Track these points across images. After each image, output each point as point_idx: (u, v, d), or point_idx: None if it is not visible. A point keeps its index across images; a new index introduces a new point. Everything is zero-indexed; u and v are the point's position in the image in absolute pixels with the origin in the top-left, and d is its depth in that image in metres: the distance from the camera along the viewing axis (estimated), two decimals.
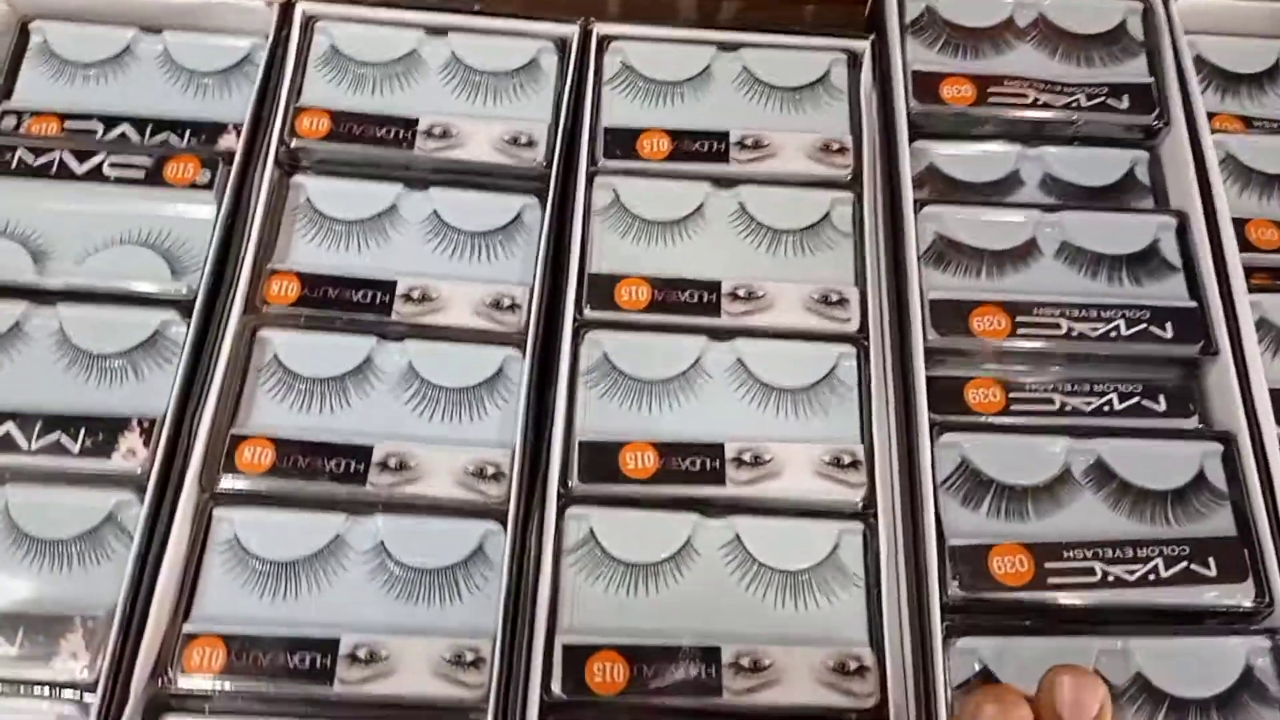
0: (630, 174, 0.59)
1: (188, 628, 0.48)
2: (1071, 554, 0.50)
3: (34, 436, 0.51)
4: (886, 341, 0.55)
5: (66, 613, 0.48)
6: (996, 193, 0.61)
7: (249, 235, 0.56)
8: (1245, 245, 0.57)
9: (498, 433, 0.54)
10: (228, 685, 0.47)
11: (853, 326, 0.55)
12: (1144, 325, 0.55)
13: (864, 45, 0.63)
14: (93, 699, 0.46)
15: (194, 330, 0.54)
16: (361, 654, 0.48)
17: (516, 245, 0.59)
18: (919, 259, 0.56)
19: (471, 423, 0.54)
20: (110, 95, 0.62)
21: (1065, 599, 0.49)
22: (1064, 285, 0.57)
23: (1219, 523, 0.52)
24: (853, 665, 0.47)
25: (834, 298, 0.56)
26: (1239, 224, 0.58)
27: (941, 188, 0.60)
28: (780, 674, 0.47)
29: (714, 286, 0.56)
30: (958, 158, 0.61)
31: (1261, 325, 0.56)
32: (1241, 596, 0.50)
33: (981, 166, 0.61)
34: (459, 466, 0.52)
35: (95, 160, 0.58)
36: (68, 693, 0.46)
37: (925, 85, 0.61)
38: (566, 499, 0.51)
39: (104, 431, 0.51)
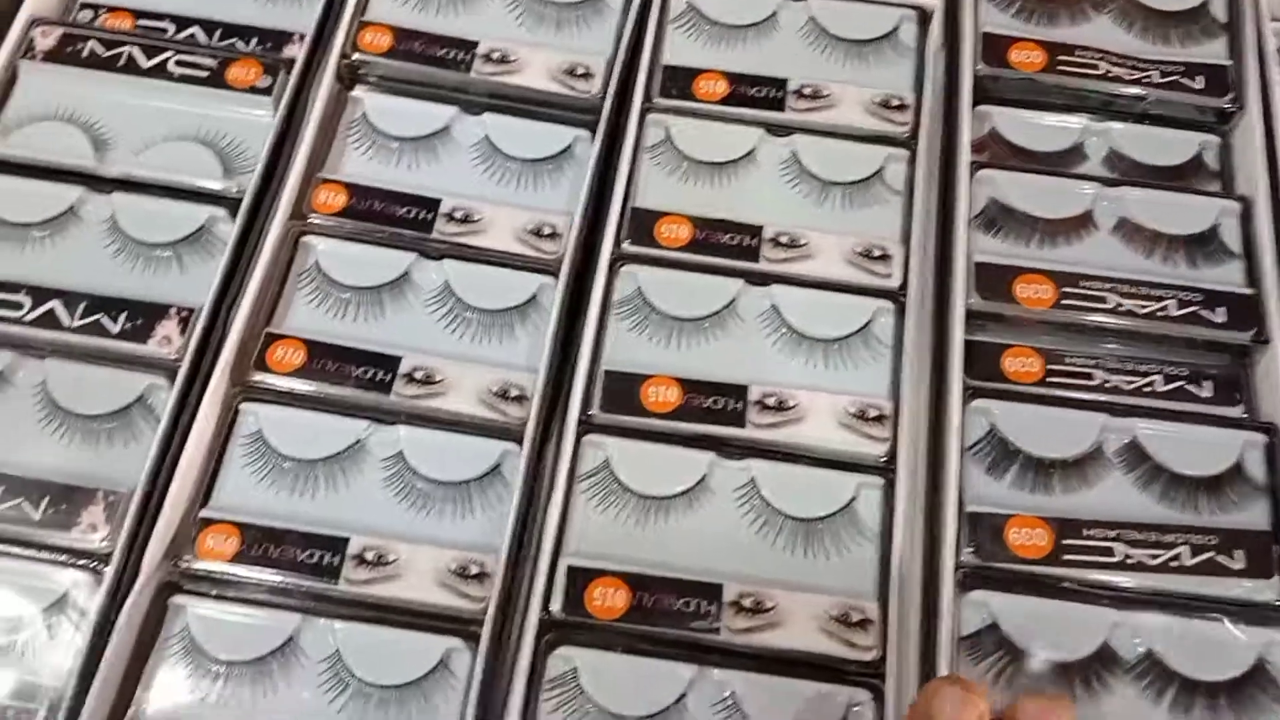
0: (683, 113, 0.59)
1: (205, 513, 0.49)
2: (1093, 532, 0.49)
3: (76, 315, 0.52)
4: (927, 301, 0.54)
5: (90, 485, 0.49)
6: (1059, 164, 0.59)
7: (301, 142, 0.57)
8: None
9: (525, 356, 0.54)
10: (237, 572, 0.48)
11: (893, 282, 0.54)
12: (1195, 308, 0.53)
13: (936, 3, 0.62)
14: (107, 571, 0.47)
15: (239, 228, 0.55)
16: (369, 556, 0.48)
17: (564, 176, 0.59)
18: (969, 221, 0.55)
19: (500, 345, 0.55)
20: None
21: (1081, 576, 0.48)
22: (1117, 261, 0.55)
23: (1253, 515, 0.50)
24: (855, 616, 0.47)
25: (876, 252, 0.55)
26: None
27: (1002, 153, 0.59)
28: (781, 617, 0.47)
29: (755, 231, 0.55)
30: (1021, 124, 0.59)
31: None
32: (1270, 592, 0.48)
33: (1045, 136, 0.59)
34: (483, 385, 0.52)
35: (162, 57, 0.59)
36: (82, 561, 0.47)
37: (994, 48, 0.60)
38: (586, 426, 0.51)
39: (143, 316, 0.52)
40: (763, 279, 0.54)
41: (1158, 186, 0.57)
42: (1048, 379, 0.52)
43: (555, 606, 0.47)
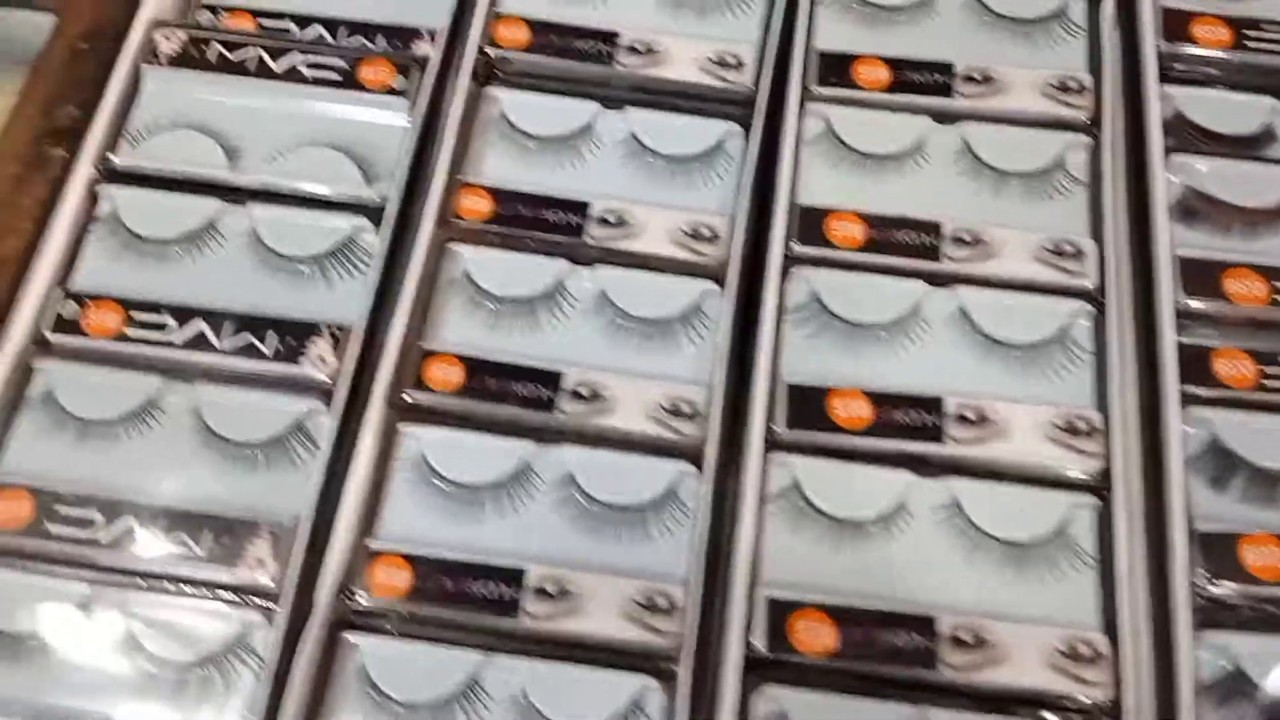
0: (845, 103, 0.55)
1: (372, 545, 0.46)
2: None
3: (224, 336, 0.50)
4: (1124, 301, 0.51)
5: (253, 518, 0.46)
6: (1249, 148, 0.55)
7: (443, 146, 0.54)
8: None
9: (692, 369, 0.51)
10: (411, 607, 0.45)
11: (1089, 282, 0.51)
12: None
13: None
14: (279, 609, 0.44)
15: (388, 239, 0.51)
16: (549, 588, 0.46)
17: (716, 173, 0.55)
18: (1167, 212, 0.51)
19: (665, 357, 0.51)
20: None
21: None
22: None
23: None
24: (1085, 650, 0.43)
25: (1068, 249, 0.51)
26: None
27: (1188, 136, 0.55)
28: (1005, 652, 0.43)
29: (934, 228, 0.52)
30: (1208, 106, 0.55)
31: None
32: None
33: (1232, 116, 0.55)
34: (652, 401, 0.49)
35: (291, 59, 0.56)
36: (252, 599, 0.45)
37: (1176, 24, 0.56)
38: (771, 444, 0.47)
39: (293, 336, 0.50)
40: (946, 280, 0.51)
41: None
42: (1264, 383, 0.48)
43: (759, 643, 0.44)
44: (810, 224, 0.52)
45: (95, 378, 0.49)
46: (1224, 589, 0.44)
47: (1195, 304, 0.49)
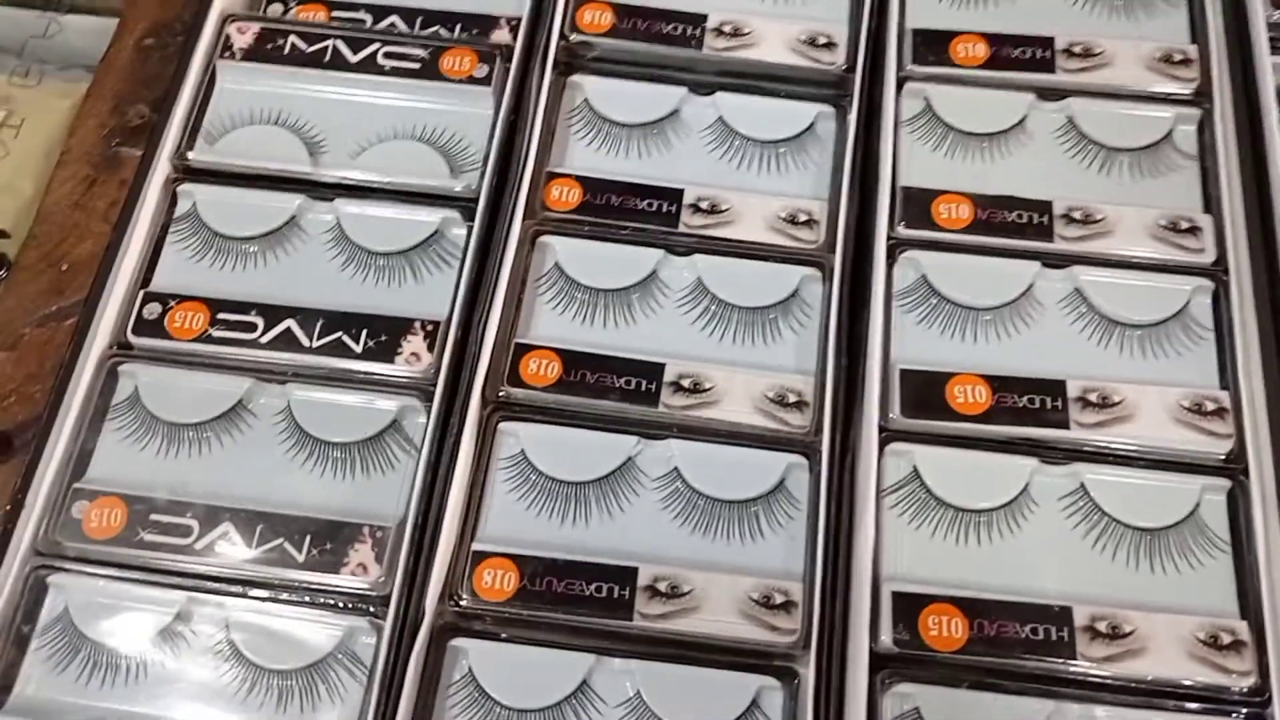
0: (943, 81, 0.53)
1: (477, 545, 0.45)
2: None
3: (315, 335, 0.48)
4: (1245, 277, 0.48)
5: (353, 520, 0.45)
6: None
7: (531, 135, 0.52)
8: None
9: (795, 357, 0.49)
10: (521, 611, 0.44)
11: (1208, 258, 0.49)
12: None
13: None
14: (386, 615, 0.43)
15: (479, 231, 0.50)
16: (661, 586, 0.44)
17: (809, 157, 0.54)
18: None
19: (766, 346, 0.50)
20: None
21: None
22: None
23: None
24: (1226, 639, 0.41)
25: (1183, 225, 0.49)
26: None
27: None
28: (1144, 642, 0.41)
29: (1044, 207, 0.50)
30: None
31: None
32: None
33: None
34: (757, 391, 0.48)
35: (369, 50, 0.54)
36: (358, 604, 0.43)
37: None
38: (886, 433, 0.46)
39: (386, 332, 0.48)
40: (1061, 260, 0.49)
41: None
42: None
43: (886, 638, 0.42)
44: (916, 206, 0.50)
45: (182, 380, 0.48)
46: None
47: None
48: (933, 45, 0.54)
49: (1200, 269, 0.48)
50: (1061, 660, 0.41)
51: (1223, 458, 0.45)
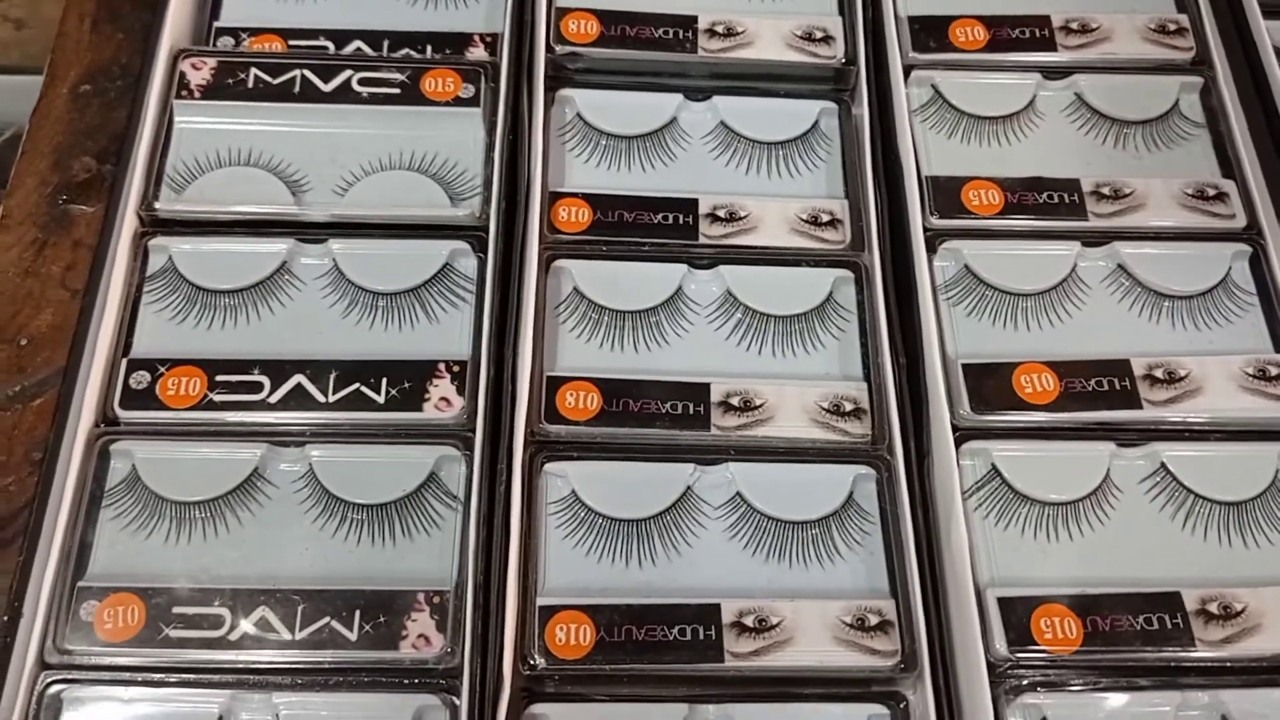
0: (950, 67, 0.52)
1: (543, 601, 0.41)
2: None
3: (330, 389, 0.44)
4: (1277, 236, 0.48)
5: (405, 587, 0.40)
6: None
7: (532, 155, 0.49)
8: None
9: (840, 364, 0.47)
10: (600, 666, 0.40)
11: (1239, 223, 0.48)
12: None
13: None
14: (461, 689, 0.38)
15: (495, 261, 0.46)
16: (749, 621, 0.41)
17: (817, 155, 0.52)
18: None
19: (808, 354, 0.47)
20: (330, 10, 0.54)
21: None
22: None
23: None
24: None
25: (1210, 192, 0.49)
26: None
27: None
28: (1258, 618, 0.40)
29: (1073, 185, 0.49)
30: None
31: None
32: None
33: None
34: (810, 403, 0.45)
35: (341, 77, 0.50)
36: (426, 680, 0.39)
37: None
38: (960, 432, 0.44)
39: (409, 378, 0.44)
40: (1099, 237, 0.48)
41: None
42: None
43: (999, 645, 0.40)
44: (945, 195, 0.48)
45: (185, 453, 0.43)
46: None
47: None
48: (932, 31, 0.53)
49: (1234, 234, 0.48)
50: (1181, 647, 0.39)
51: None
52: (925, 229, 0.47)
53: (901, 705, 0.40)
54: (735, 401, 0.45)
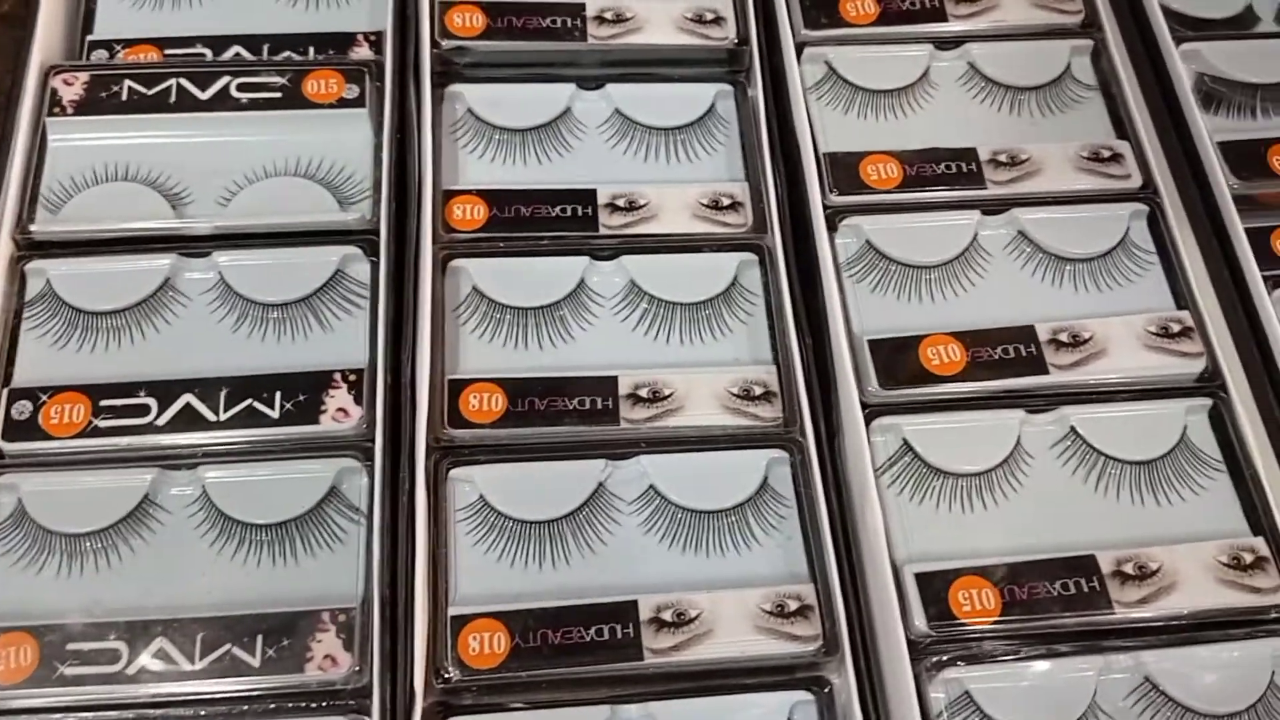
0: (842, 42, 0.51)
1: (454, 610, 0.40)
2: None
3: (221, 406, 0.42)
4: (1175, 195, 0.48)
5: (309, 607, 0.39)
6: (1236, 27, 0.54)
7: (422, 154, 0.48)
8: None
9: (749, 348, 0.46)
10: (520, 674, 0.39)
11: (1135, 183, 0.48)
12: None
13: None
14: (372, 708, 0.37)
15: (388, 264, 0.45)
16: (667, 616, 0.40)
17: (715, 138, 0.51)
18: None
19: (716, 340, 0.47)
20: (207, 17, 0.53)
21: None
22: None
23: None
24: (1248, 558, 0.40)
25: (1105, 154, 0.49)
26: None
27: (1176, 27, 0.53)
28: (1173, 577, 0.40)
29: (970, 154, 0.49)
30: None
31: None
32: None
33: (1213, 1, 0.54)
34: (719, 389, 0.44)
35: (219, 84, 0.49)
36: (334, 702, 0.38)
37: None
38: (870, 409, 0.43)
39: (304, 391, 0.43)
40: (999, 205, 0.48)
41: None
42: None
43: (918, 622, 0.39)
44: (844, 171, 0.48)
45: (72, 483, 0.41)
46: None
47: (1245, 187, 0.47)
48: (823, 8, 0.52)
49: (1131, 194, 0.48)
50: (1099, 610, 0.39)
51: (1197, 376, 0.44)
52: (825, 207, 0.47)
53: (826, 690, 0.39)
54: (644, 393, 0.44)
